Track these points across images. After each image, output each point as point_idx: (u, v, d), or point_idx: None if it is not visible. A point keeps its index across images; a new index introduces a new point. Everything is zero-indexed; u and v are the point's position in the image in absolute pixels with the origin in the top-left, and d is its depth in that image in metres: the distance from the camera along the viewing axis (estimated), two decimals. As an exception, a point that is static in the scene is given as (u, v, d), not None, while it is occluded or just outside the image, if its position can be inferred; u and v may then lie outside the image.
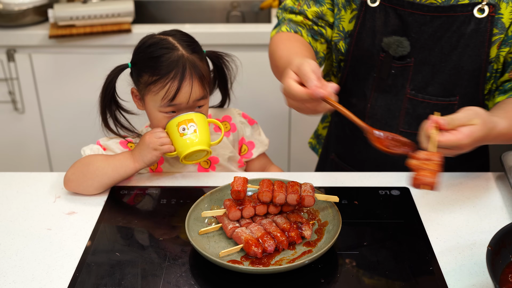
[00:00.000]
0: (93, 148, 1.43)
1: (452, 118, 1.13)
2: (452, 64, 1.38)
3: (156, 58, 1.37)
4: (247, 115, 1.62)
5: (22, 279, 1.13)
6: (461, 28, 1.34)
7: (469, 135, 1.12)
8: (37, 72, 2.50)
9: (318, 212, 1.27)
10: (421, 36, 1.38)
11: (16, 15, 2.45)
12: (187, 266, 1.15)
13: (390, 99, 1.48)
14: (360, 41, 1.46)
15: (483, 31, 1.33)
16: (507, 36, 1.33)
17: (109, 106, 1.45)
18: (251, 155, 1.60)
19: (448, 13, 1.34)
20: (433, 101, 1.43)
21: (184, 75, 1.36)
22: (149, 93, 1.39)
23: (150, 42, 1.41)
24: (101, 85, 1.44)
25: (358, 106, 1.54)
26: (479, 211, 1.32)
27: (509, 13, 1.30)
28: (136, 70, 1.42)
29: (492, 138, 1.22)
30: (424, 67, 1.41)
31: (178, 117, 1.37)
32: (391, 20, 1.40)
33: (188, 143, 1.37)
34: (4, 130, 2.62)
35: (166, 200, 1.37)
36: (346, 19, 1.47)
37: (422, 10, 1.36)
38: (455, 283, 1.10)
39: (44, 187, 1.43)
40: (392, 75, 1.44)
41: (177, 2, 2.83)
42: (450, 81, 1.40)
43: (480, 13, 1.31)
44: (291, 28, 1.53)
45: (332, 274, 1.13)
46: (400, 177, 1.45)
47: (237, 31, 2.44)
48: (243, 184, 1.22)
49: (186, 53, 1.39)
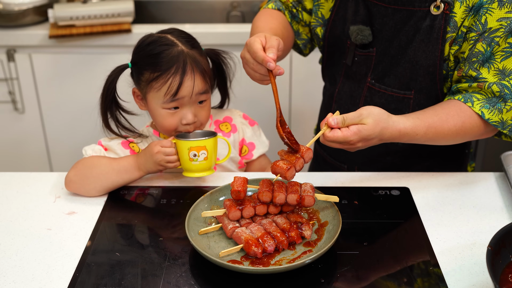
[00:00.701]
0: (94, 148, 1.43)
1: (344, 117, 1.22)
2: (408, 57, 1.41)
3: (156, 54, 1.38)
4: (248, 117, 1.62)
5: (22, 279, 1.13)
6: (418, 23, 1.37)
7: (356, 133, 1.21)
8: (37, 72, 2.50)
9: (318, 212, 1.27)
10: (383, 27, 1.42)
11: (16, 15, 2.45)
12: (187, 266, 1.15)
13: (354, 86, 1.53)
14: (333, 28, 1.52)
15: (437, 28, 1.35)
16: (457, 35, 1.35)
17: (110, 107, 1.45)
18: (252, 156, 1.60)
19: (407, 7, 1.37)
20: (389, 92, 1.46)
21: (186, 69, 1.37)
22: (152, 90, 1.40)
23: (149, 40, 1.42)
24: (101, 85, 1.44)
25: (330, 90, 1.62)
26: (479, 211, 1.32)
27: (462, 12, 1.33)
28: (137, 69, 1.43)
29: (392, 136, 1.27)
30: (384, 58, 1.45)
31: (191, 141, 1.36)
32: (360, 9, 1.45)
33: (196, 168, 1.38)
34: (4, 130, 2.62)
35: (166, 200, 1.37)
36: (326, 7, 1.53)
37: (384, 2, 1.40)
38: (455, 283, 1.10)
39: (44, 187, 1.43)
40: (355, 62, 1.50)
41: (177, 2, 2.83)
42: (405, 75, 1.43)
43: (436, 10, 1.34)
44: (276, 6, 1.61)
45: (332, 274, 1.13)
46: (400, 177, 1.46)
47: (237, 31, 2.44)
48: (243, 184, 1.22)
49: (185, 48, 1.40)
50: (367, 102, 1.51)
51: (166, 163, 1.37)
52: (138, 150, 1.46)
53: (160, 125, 1.44)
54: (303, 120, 2.59)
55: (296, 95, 2.54)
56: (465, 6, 1.32)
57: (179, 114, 1.42)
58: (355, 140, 1.22)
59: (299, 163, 1.22)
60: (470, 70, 1.34)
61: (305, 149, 1.23)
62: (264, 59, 1.26)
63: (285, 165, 1.21)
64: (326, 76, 1.66)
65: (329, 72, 1.63)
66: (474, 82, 1.34)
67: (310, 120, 2.54)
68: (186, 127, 1.43)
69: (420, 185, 1.42)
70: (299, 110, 2.58)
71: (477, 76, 1.33)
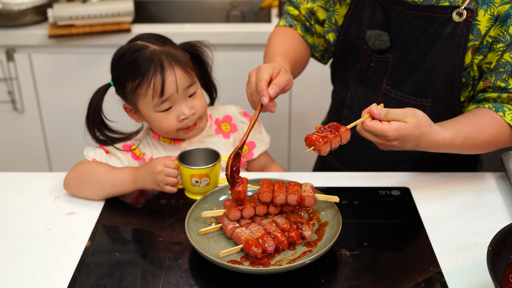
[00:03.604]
0: (96, 151, 1.42)
1: (389, 111, 1.18)
2: (427, 64, 1.39)
3: (131, 63, 1.38)
4: (248, 113, 1.62)
5: (21, 279, 1.13)
6: (439, 30, 1.35)
7: (396, 129, 1.17)
8: (37, 72, 2.49)
9: (318, 212, 1.27)
10: (401, 33, 1.40)
11: (15, 15, 2.45)
12: (187, 266, 1.15)
13: (368, 92, 1.51)
14: (348, 32, 1.50)
15: (459, 35, 1.33)
16: (482, 44, 1.33)
17: (98, 127, 1.43)
18: (252, 155, 1.60)
19: (427, 13, 1.35)
20: (405, 99, 1.44)
21: (164, 66, 1.37)
22: (139, 98, 1.39)
23: (121, 52, 1.41)
24: (102, 85, 1.44)
25: (341, 95, 1.59)
26: (480, 211, 1.32)
27: (486, 21, 1.31)
28: (119, 83, 1.43)
29: (430, 145, 1.24)
30: (401, 64, 1.43)
31: (193, 169, 1.34)
32: (377, 14, 1.43)
33: (198, 192, 1.37)
34: (3, 130, 2.62)
35: (166, 200, 1.37)
36: (341, 13, 1.51)
37: (404, 7, 1.37)
38: (455, 283, 1.10)
39: (43, 187, 1.43)
40: (371, 68, 1.47)
41: (177, 2, 2.83)
42: (423, 82, 1.41)
43: (458, 17, 1.32)
44: (287, 22, 1.61)
45: (332, 274, 1.13)
46: (400, 177, 1.45)
47: (237, 31, 2.44)
48: (243, 185, 1.22)
49: (157, 47, 1.40)
50: None
51: (164, 184, 1.34)
52: (139, 154, 1.46)
53: (159, 129, 1.44)
54: (303, 120, 2.59)
55: (296, 95, 2.54)
56: (490, 15, 1.30)
57: (173, 112, 1.41)
58: (392, 137, 1.18)
59: (335, 140, 1.18)
60: (498, 81, 1.33)
61: (344, 129, 1.19)
62: (262, 92, 1.25)
63: (322, 139, 1.17)
64: (337, 80, 1.63)
65: (341, 77, 1.60)
66: (503, 92, 1.33)
67: (310, 121, 2.54)
68: (185, 122, 1.42)
69: (420, 185, 1.42)
70: (299, 111, 2.58)
71: (506, 87, 1.32)
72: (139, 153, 1.46)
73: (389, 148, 1.23)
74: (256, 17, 2.83)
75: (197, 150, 1.42)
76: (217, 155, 1.38)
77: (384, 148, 1.23)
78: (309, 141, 1.18)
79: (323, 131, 1.18)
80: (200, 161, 1.41)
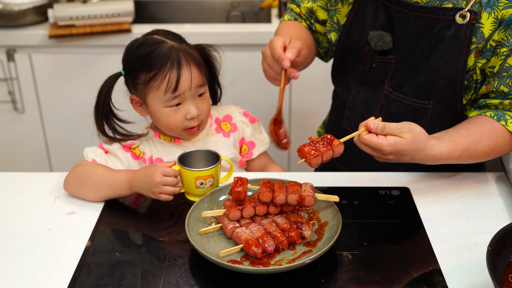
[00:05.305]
0: (96, 151, 1.42)
1: (386, 125, 1.19)
2: (429, 66, 1.38)
3: (147, 55, 1.38)
4: (248, 114, 1.62)
5: (22, 279, 1.13)
6: (441, 31, 1.34)
7: (392, 144, 1.18)
8: (37, 72, 2.49)
9: (318, 212, 1.27)
10: (404, 34, 1.40)
11: (16, 15, 2.45)
12: (187, 266, 1.15)
13: (369, 93, 1.50)
14: (350, 32, 1.50)
15: (462, 38, 1.32)
16: (485, 48, 1.33)
17: (106, 117, 1.44)
18: (251, 155, 1.60)
19: (431, 15, 1.35)
20: (407, 101, 1.44)
21: (181, 63, 1.38)
22: (151, 90, 1.39)
23: (137, 43, 1.41)
24: (101, 85, 1.44)
25: (342, 96, 1.59)
26: (479, 211, 1.32)
27: (490, 24, 1.30)
28: (131, 74, 1.42)
29: (426, 159, 1.25)
30: (404, 66, 1.42)
31: (199, 171, 1.33)
32: (380, 15, 1.42)
33: (202, 193, 1.36)
34: (4, 130, 2.62)
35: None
36: (343, 13, 1.51)
37: (407, 9, 1.37)
38: (455, 283, 1.10)
39: (44, 187, 1.43)
40: (373, 69, 1.47)
41: (177, 2, 2.83)
42: (425, 84, 1.40)
43: (461, 19, 1.31)
44: (292, 16, 1.62)
45: (332, 274, 1.13)
46: (400, 177, 1.45)
47: (237, 31, 2.44)
48: (243, 185, 1.22)
49: (175, 44, 1.41)
50: (383, 110, 1.48)
51: (159, 193, 1.32)
52: (139, 153, 1.46)
53: (165, 125, 1.44)
54: (303, 120, 2.59)
55: (297, 95, 2.54)
56: (494, 18, 1.29)
57: (182, 110, 1.41)
58: (387, 151, 1.19)
59: (327, 154, 1.20)
60: (501, 86, 1.33)
61: (337, 143, 1.20)
62: (281, 57, 1.26)
63: (313, 151, 1.18)
64: (338, 81, 1.62)
65: (342, 77, 1.59)
66: (505, 98, 1.33)
67: (310, 121, 2.54)
68: (190, 122, 1.43)
69: (420, 185, 1.42)
70: (299, 111, 2.58)
71: (509, 92, 1.32)
72: (139, 153, 1.46)
73: (385, 161, 1.24)
74: (256, 17, 2.83)
75: (194, 152, 1.42)
76: (215, 155, 1.39)
77: (380, 160, 1.25)
78: (301, 153, 1.20)
79: (315, 144, 1.20)
80: (200, 162, 1.41)
